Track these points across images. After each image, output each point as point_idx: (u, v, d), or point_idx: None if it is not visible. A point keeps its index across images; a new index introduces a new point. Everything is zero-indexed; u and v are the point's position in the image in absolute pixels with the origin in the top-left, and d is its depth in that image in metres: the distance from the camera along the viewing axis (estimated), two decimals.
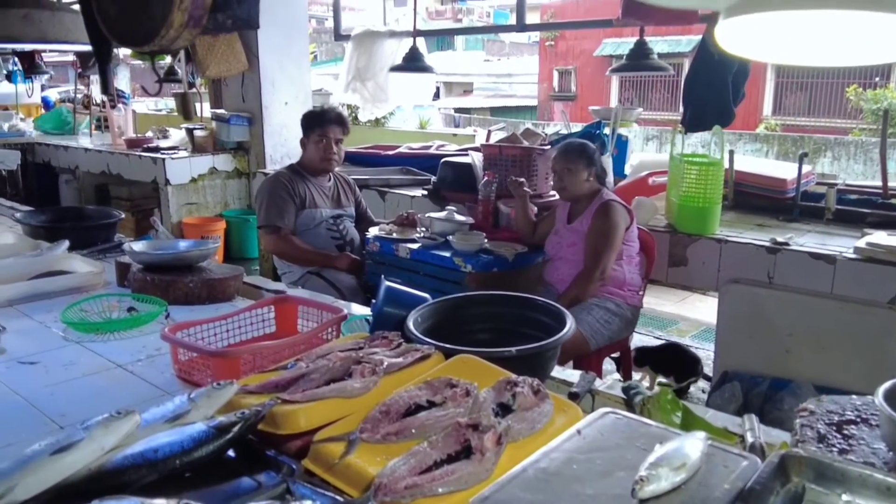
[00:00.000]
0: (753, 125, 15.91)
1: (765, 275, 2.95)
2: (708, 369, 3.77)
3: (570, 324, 1.52)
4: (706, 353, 4.35)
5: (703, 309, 5.05)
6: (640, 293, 3.03)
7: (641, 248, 3.01)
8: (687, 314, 5.03)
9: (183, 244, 2.28)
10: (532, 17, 24.39)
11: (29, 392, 1.52)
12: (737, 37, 0.92)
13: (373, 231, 3.36)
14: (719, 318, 3.08)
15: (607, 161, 3.58)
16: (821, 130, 15.08)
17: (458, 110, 19.91)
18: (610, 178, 3.55)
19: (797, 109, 16.98)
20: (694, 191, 3.08)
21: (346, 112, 4.12)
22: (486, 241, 3.07)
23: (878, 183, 3.48)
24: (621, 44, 18.91)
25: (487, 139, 5.73)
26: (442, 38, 24.59)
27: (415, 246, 3.15)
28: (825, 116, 16.65)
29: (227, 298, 2.14)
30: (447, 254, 3.02)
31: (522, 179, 3.20)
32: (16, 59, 8.43)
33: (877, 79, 15.09)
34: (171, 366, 1.63)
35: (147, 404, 1.46)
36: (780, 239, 2.96)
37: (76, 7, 2.31)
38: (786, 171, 3.62)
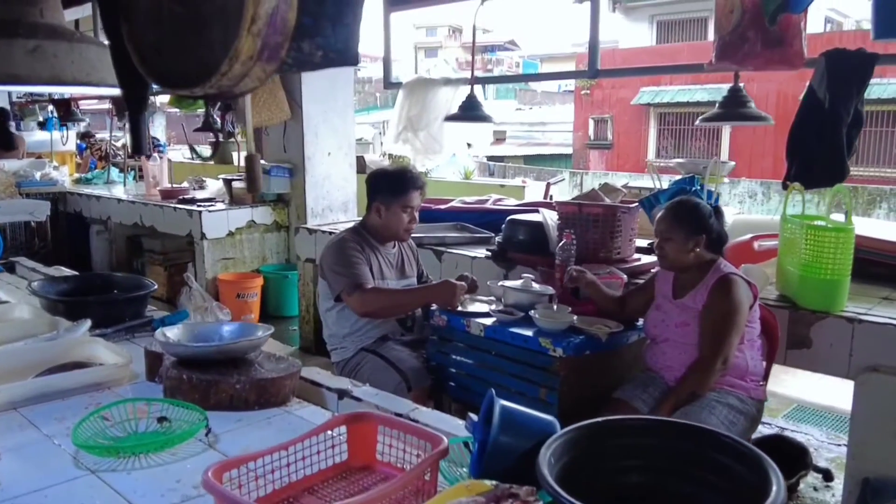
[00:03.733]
0: None
1: None
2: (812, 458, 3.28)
3: (777, 484, 1.06)
4: (804, 437, 3.86)
5: (791, 383, 4.50)
6: (762, 384, 2.54)
7: (763, 328, 2.53)
8: (774, 389, 4.49)
9: (226, 330, 1.85)
10: (568, 66, 24.24)
11: None
12: None
13: None
14: (854, 413, 2.58)
15: None
16: (868, 180, 14.49)
17: (490, 158, 19.63)
18: None
19: None
20: (818, 260, 2.61)
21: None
22: (574, 317, 2.60)
23: None
24: (659, 92, 18.63)
25: (546, 191, 5.36)
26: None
27: (489, 321, 2.69)
28: (874, 166, 16.06)
29: (280, 402, 1.71)
30: (530, 332, 2.55)
31: (579, 272, 2.74)
32: (52, 106, 8.30)
33: None
34: None
35: None
36: None
37: (102, 37, 1.79)
38: None
